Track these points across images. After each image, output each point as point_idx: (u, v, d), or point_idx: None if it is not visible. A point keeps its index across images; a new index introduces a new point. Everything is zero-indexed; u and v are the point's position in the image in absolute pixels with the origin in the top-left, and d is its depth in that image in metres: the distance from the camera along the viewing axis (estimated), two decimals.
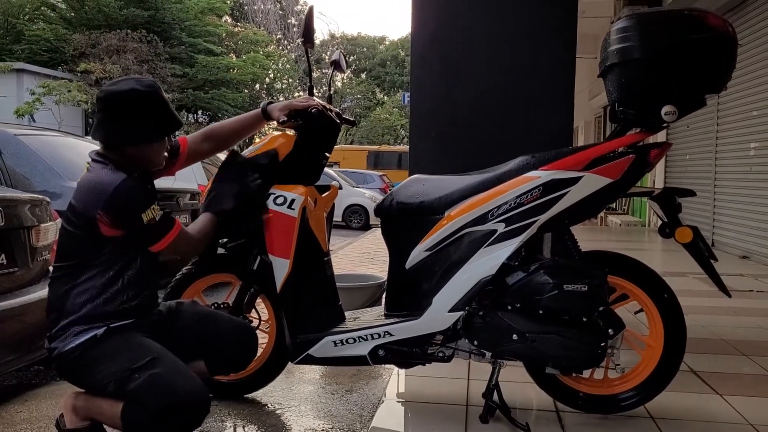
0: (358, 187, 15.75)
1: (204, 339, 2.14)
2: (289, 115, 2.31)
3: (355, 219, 14.93)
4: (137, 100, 1.94)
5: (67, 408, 2.01)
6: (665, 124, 2.19)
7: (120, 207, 1.88)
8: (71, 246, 1.96)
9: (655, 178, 10.52)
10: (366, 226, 14.25)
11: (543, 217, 2.21)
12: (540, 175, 2.20)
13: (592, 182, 2.17)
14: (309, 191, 2.38)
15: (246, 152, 2.42)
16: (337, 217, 14.36)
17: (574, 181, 2.17)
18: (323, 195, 2.50)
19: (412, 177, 2.54)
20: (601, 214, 12.40)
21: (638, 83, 2.14)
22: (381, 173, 18.58)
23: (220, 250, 2.53)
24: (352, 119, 2.70)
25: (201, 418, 1.91)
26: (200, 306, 2.30)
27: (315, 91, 2.51)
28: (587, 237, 8.65)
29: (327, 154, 2.50)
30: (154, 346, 1.94)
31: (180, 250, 2.07)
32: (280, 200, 2.32)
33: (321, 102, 2.40)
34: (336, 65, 2.67)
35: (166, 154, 2.10)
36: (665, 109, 2.09)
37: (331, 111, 2.44)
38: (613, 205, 13.64)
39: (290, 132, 2.42)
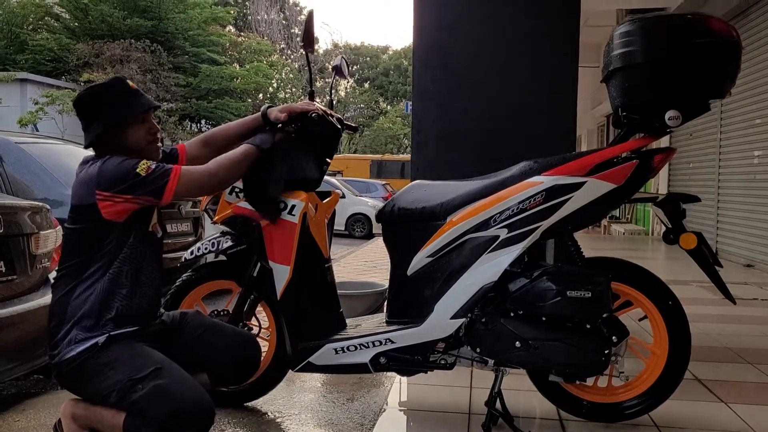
0: (361, 196, 15.75)
1: (207, 351, 2.11)
2: (289, 119, 2.29)
3: (358, 228, 14.93)
4: (99, 92, 2.00)
5: (65, 415, 1.98)
6: (669, 129, 2.17)
7: (113, 174, 1.89)
8: (74, 243, 1.95)
9: (659, 186, 10.49)
10: (369, 235, 14.23)
11: (546, 223, 2.19)
12: (543, 181, 2.18)
13: (595, 188, 2.15)
14: (310, 197, 2.36)
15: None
16: (340, 225, 14.36)
17: (577, 186, 2.15)
18: (324, 201, 2.48)
19: (413, 182, 2.52)
20: (605, 222, 12.38)
21: (642, 88, 2.12)
22: (384, 182, 18.59)
23: (221, 258, 2.51)
24: (353, 125, 2.67)
25: (206, 430, 1.88)
26: (204, 317, 2.27)
27: (318, 99, 2.49)
28: (590, 245, 8.62)
29: (328, 160, 2.48)
30: (157, 355, 1.92)
31: (194, 185, 1.98)
32: (280, 206, 2.31)
33: (321, 107, 2.38)
34: (338, 71, 2.66)
35: (161, 145, 2.10)
36: (669, 114, 2.08)
37: (332, 116, 2.43)
38: (617, 214, 13.62)
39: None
